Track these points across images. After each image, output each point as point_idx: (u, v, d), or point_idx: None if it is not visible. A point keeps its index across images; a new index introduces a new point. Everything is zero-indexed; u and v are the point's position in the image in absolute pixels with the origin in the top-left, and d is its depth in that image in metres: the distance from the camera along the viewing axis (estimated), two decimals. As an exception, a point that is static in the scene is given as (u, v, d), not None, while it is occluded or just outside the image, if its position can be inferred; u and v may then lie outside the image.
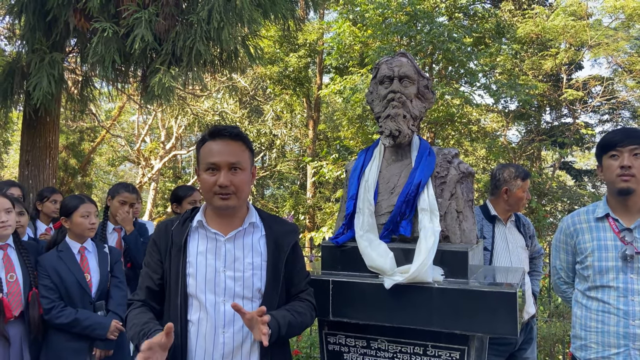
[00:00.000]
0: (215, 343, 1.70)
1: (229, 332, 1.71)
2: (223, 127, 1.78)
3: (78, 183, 16.16)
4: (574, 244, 2.43)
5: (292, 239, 1.87)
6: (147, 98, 4.99)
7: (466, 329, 1.88)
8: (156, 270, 1.80)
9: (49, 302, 2.78)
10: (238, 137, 1.77)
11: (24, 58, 5.40)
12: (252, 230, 1.82)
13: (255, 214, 1.87)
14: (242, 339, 1.72)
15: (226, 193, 1.72)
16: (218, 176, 1.71)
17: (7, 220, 2.77)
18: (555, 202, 12.98)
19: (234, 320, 1.71)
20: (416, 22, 10.89)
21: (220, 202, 1.73)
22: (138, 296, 1.82)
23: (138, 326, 1.68)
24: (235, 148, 1.75)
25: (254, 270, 1.76)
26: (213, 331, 1.71)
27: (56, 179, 6.18)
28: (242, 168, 1.76)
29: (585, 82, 14.06)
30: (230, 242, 1.78)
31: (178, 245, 1.77)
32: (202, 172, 1.76)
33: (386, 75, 2.29)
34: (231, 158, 1.73)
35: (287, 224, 1.93)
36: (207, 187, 1.74)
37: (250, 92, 16.59)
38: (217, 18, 4.60)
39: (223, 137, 1.75)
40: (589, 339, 2.32)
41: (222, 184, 1.70)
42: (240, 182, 1.74)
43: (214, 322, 1.71)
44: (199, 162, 1.79)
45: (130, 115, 20.21)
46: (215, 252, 1.76)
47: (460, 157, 2.40)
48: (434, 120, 11.81)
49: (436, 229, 2.06)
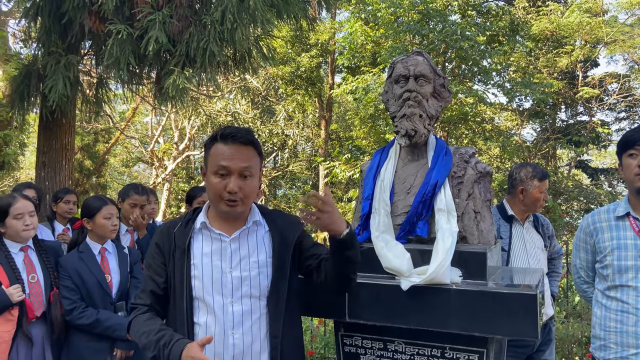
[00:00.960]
0: (225, 345, 1.69)
1: (238, 332, 1.70)
2: (236, 131, 1.72)
3: (93, 184, 16.32)
4: (594, 243, 2.39)
5: (296, 231, 1.85)
6: (162, 99, 5.02)
7: (485, 331, 1.85)
8: (160, 274, 1.78)
9: (71, 303, 2.80)
10: (251, 143, 1.73)
11: (40, 60, 5.46)
12: (255, 229, 1.81)
13: (257, 212, 1.86)
14: (252, 339, 1.71)
15: (234, 200, 1.69)
16: (228, 181, 1.68)
17: (31, 224, 2.81)
18: (571, 201, 12.83)
19: (242, 320, 1.71)
20: (428, 20, 10.83)
21: (227, 209, 1.71)
22: (142, 300, 1.78)
23: (152, 334, 1.65)
24: (247, 153, 1.72)
25: (260, 269, 1.75)
26: (222, 333, 1.69)
27: (72, 180, 6.24)
28: (252, 174, 1.72)
29: (601, 79, 13.87)
30: (235, 242, 1.76)
31: (181, 247, 1.75)
32: (212, 174, 1.71)
33: (402, 74, 2.27)
34: (243, 163, 1.69)
35: (290, 217, 1.91)
36: (216, 192, 1.70)
37: (262, 93, 16.63)
38: (231, 19, 4.61)
39: (236, 141, 1.70)
40: (608, 339, 2.29)
41: (232, 190, 1.67)
42: (249, 190, 1.72)
43: (222, 323, 1.70)
44: (208, 162, 1.75)
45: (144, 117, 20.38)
46: (221, 253, 1.75)
47: (478, 158, 2.37)
48: (447, 119, 11.73)
49: (454, 229, 2.03)
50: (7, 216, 2.76)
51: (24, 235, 2.79)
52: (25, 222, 2.77)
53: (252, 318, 1.72)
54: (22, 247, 2.82)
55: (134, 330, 1.73)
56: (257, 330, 1.71)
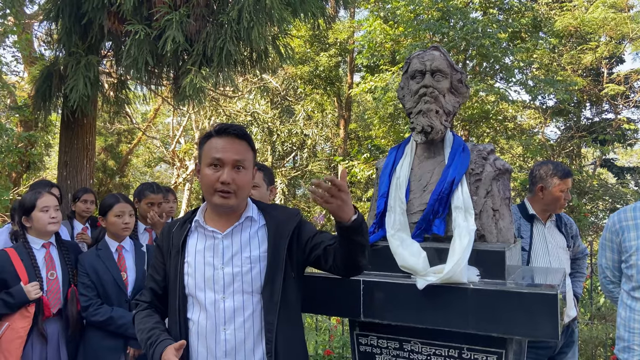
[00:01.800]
0: (217, 340, 1.69)
1: (230, 329, 1.70)
2: (229, 125, 1.77)
3: (116, 184, 16.59)
4: (620, 242, 2.32)
5: (292, 224, 1.81)
6: (179, 98, 5.05)
7: (504, 332, 1.80)
8: (159, 272, 1.84)
9: (87, 300, 2.84)
10: (244, 137, 1.76)
11: (61, 61, 5.55)
12: (249, 224, 1.80)
13: (253, 208, 1.84)
14: (244, 336, 1.70)
15: (227, 191, 1.69)
16: (221, 173, 1.69)
17: (56, 217, 2.88)
18: (596, 200, 12.53)
19: (234, 317, 1.70)
20: (449, 18, 10.70)
21: (220, 200, 1.71)
22: (144, 297, 1.86)
23: (144, 332, 1.72)
24: (240, 147, 1.74)
25: (252, 264, 1.73)
26: (214, 329, 1.70)
27: (94, 180, 6.34)
28: (245, 167, 1.74)
29: (627, 76, 13.52)
30: (228, 238, 1.76)
31: (177, 246, 1.79)
32: (205, 167, 1.73)
33: (418, 69, 2.23)
34: (236, 155, 1.71)
35: (287, 210, 1.88)
36: (209, 183, 1.71)
37: (281, 93, 16.67)
38: (247, 18, 4.61)
39: (229, 135, 1.73)
40: (632, 340, 2.22)
41: (225, 180, 1.68)
42: (242, 181, 1.72)
43: (214, 319, 1.70)
44: (202, 157, 1.77)
45: (165, 117, 20.62)
46: (214, 250, 1.75)
47: (497, 155, 2.31)
48: (468, 118, 11.57)
49: (471, 227, 1.98)
50: (34, 210, 2.82)
51: (49, 228, 2.85)
52: (51, 215, 2.85)
53: (245, 314, 1.71)
54: (44, 244, 2.87)
55: (135, 327, 1.80)
56: (250, 326, 1.70)
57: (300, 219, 1.85)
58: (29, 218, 2.84)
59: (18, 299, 2.66)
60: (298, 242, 1.81)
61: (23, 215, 2.85)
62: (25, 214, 2.84)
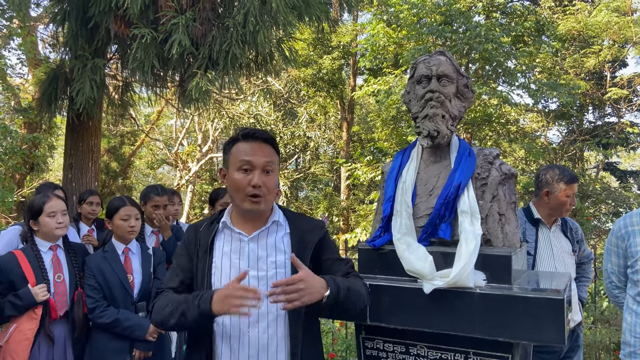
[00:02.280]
0: (241, 343, 1.71)
1: (254, 331, 1.71)
2: (255, 129, 1.80)
3: (119, 185, 16.61)
4: (625, 247, 2.32)
5: (317, 235, 1.84)
6: (185, 102, 5.07)
7: (510, 336, 1.81)
8: (186, 269, 1.83)
9: (93, 302, 2.85)
10: (270, 141, 1.80)
11: (67, 64, 5.58)
12: (275, 229, 1.82)
13: (279, 213, 1.87)
14: (268, 339, 1.71)
15: (258, 195, 1.72)
16: (252, 176, 1.72)
17: (63, 222, 2.89)
18: (599, 204, 12.52)
19: (258, 319, 1.71)
20: (452, 22, 10.71)
21: (251, 206, 1.73)
22: (170, 285, 1.82)
23: (180, 298, 1.69)
24: (268, 150, 1.78)
25: (277, 269, 1.75)
26: (238, 331, 1.71)
27: (98, 182, 6.36)
28: (273, 170, 1.78)
29: (630, 80, 13.51)
30: (254, 241, 1.78)
31: (204, 246, 1.79)
32: (235, 171, 1.75)
33: (424, 74, 2.24)
34: (266, 158, 1.75)
35: (312, 221, 1.91)
36: (240, 187, 1.73)
37: (284, 95, 16.69)
38: (253, 21, 4.64)
39: (256, 139, 1.77)
40: (638, 345, 2.22)
41: (256, 184, 1.71)
42: (271, 185, 1.76)
43: (238, 322, 1.71)
44: (229, 162, 1.79)
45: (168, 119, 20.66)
46: (240, 252, 1.77)
47: (502, 160, 2.33)
48: (471, 121, 11.58)
49: (477, 232, 1.99)
50: (41, 214, 2.84)
51: (56, 233, 2.86)
52: (58, 220, 2.86)
53: (269, 318, 1.72)
54: (51, 246, 2.89)
55: (159, 304, 1.75)
56: (274, 330, 1.71)
57: (324, 232, 1.87)
58: (37, 222, 2.86)
59: (26, 301, 2.67)
60: (318, 257, 1.84)
61: (31, 218, 2.87)
62: (33, 218, 2.86)
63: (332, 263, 1.85)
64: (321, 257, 1.84)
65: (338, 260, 1.87)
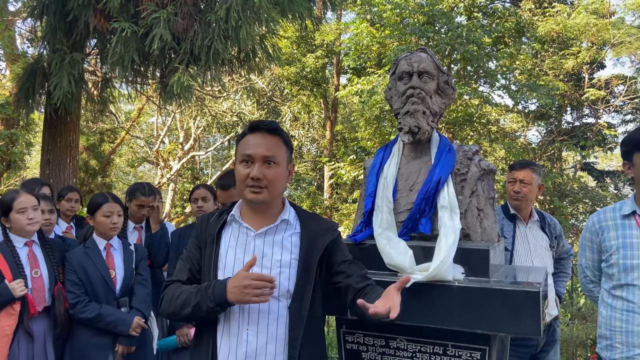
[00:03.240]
0: (239, 341, 1.68)
1: (253, 330, 1.68)
2: (262, 121, 1.79)
3: (98, 184, 16.37)
4: (600, 242, 2.37)
5: (328, 237, 1.79)
6: (166, 97, 5.02)
7: (487, 329, 1.84)
8: (194, 261, 1.82)
9: (74, 297, 2.83)
10: (275, 132, 1.77)
11: (45, 58, 5.49)
12: (284, 228, 1.79)
13: (291, 211, 1.84)
14: (267, 339, 1.68)
15: (258, 186, 1.71)
16: (252, 169, 1.72)
17: (34, 217, 2.84)
18: (576, 203, 12.75)
19: (258, 319, 1.68)
20: (434, 22, 10.80)
21: (252, 195, 1.72)
22: (179, 276, 1.81)
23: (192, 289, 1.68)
24: (271, 142, 1.75)
25: (281, 268, 1.72)
26: (237, 328, 1.69)
27: (77, 178, 6.26)
28: (277, 162, 1.74)
29: (607, 81, 13.79)
30: (260, 237, 1.75)
31: (212, 236, 1.79)
32: (238, 164, 1.77)
33: (405, 70, 2.26)
34: (266, 151, 1.72)
35: (324, 222, 1.87)
36: (241, 179, 1.74)
37: (267, 94, 16.64)
38: (235, 17, 4.61)
39: (260, 131, 1.76)
40: (614, 338, 2.27)
41: (255, 176, 1.70)
42: (273, 176, 1.73)
43: (237, 319, 1.69)
44: (237, 155, 1.80)
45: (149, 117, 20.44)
46: (245, 247, 1.75)
47: (482, 156, 2.36)
48: (453, 121, 11.68)
49: (456, 226, 2.01)
50: (11, 211, 2.79)
51: (27, 229, 2.82)
52: (28, 216, 2.81)
53: (269, 318, 1.69)
54: (26, 242, 2.85)
55: (169, 295, 1.73)
56: (274, 330, 1.68)
57: (337, 234, 1.84)
58: (8, 219, 2.81)
59: (3, 296, 2.63)
60: (329, 260, 1.80)
61: (2, 215, 2.82)
62: (4, 215, 2.82)
63: (348, 265, 1.81)
64: (334, 258, 1.80)
65: (353, 263, 1.83)
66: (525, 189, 3.14)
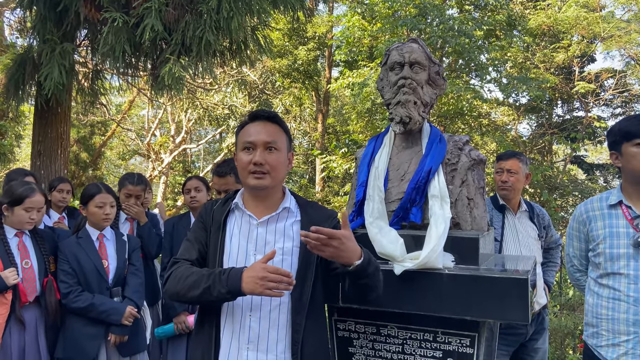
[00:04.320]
0: (242, 326, 1.70)
1: (255, 316, 1.70)
2: (261, 110, 1.83)
3: (89, 176, 16.28)
4: (587, 232, 2.41)
5: (328, 224, 1.80)
6: (157, 88, 5.00)
7: (477, 315, 1.87)
8: (201, 243, 1.81)
9: (67, 287, 2.83)
10: (274, 120, 1.82)
11: (35, 49, 5.43)
12: (285, 215, 1.81)
13: (291, 199, 1.86)
14: (269, 325, 1.70)
15: (261, 172, 1.73)
16: (254, 155, 1.74)
17: (36, 218, 2.85)
18: (566, 196, 12.87)
19: (261, 304, 1.70)
20: (425, 15, 10.80)
21: (255, 181, 1.74)
22: (187, 256, 1.79)
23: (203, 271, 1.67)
24: (271, 129, 1.79)
25: (284, 256, 1.74)
26: (240, 313, 1.71)
27: (67, 170, 6.23)
28: (278, 148, 1.77)
29: (597, 74, 13.90)
30: (263, 226, 1.77)
31: (217, 223, 1.80)
32: (239, 152, 1.79)
33: (397, 61, 2.27)
34: (267, 137, 1.75)
35: (324, 211, 1.90)
36: (243, 166, 1.76)
37: (259, 86, 16.59)
38: (227, 7, 4.59)
39: (261, 119, 1.80)
40: (600, 326, 2.31)
41: (257, 161, 1.72)
42: (275, 162, 1.75)
43: (241, 304, 1.71)
44: (237, 144, 1.83)
45: (140, 110, 20.32)
46: (248, 235, 1.77)
47: (472, 146, 2.38)
48: (444, 114, 11.72)
49: (447, 215, 2.04)
50: (19, 204, 2.79)
51: (25, 227, 2.84)
52: (31, 216, 2.82)
53: (272, 304, 1.70)
54: (17, 233, 2.85)
55: (178, 274, 1.71)
56: (276, 317, 1.70)
57: (336, 222, 1.85)
58: (10, 209, 2.81)
59: None
60: None
61: (6, 203, 2.81)
62: (9, 204, 2.81)
63: None
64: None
65: None
66: (512, 178, 3.18)
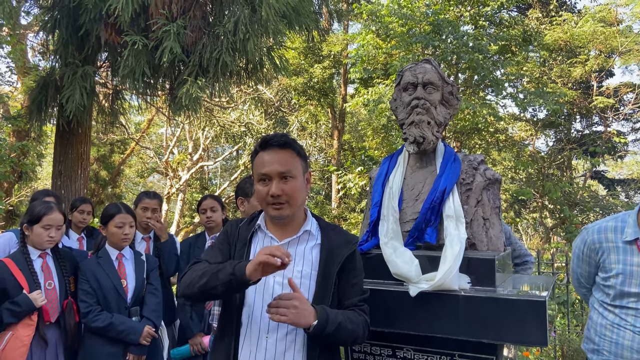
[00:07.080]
0: (259, 347, 1.70)
1: (272, 338, 1.70)
2: (272, 137, 1.79)
3: (108, 194, 16.53)
4: (599, 260, 2.38)
5: (347, 250, 1.81)
6: (175, 109, 5.09)
7: (494, 338, 1.84)
8: (225, 252, 1.83)
9: (87, 306, 2.87)
10: (286, 145, 1.78)
11: (57, 72, 5.58)
12: (306, 239, 1.82)
13: (313, 222, 1.87)
14: (285, 348, 1.70)
15: (279, 203, 1.74)
16: (270, 186, 1.74)
17: (55, 236, 2.88)
18: (587, 212, 12.64)
19: (278, 327, 1.70)
20: (440, 31, 10.84)
21: (274, 212, 1.76)
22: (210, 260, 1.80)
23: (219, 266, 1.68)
24: (284, 156, 1.77)
25: (302, 279, 1.74)
26: (257, 334, 1.72)
27: (87, 190, 6.34)
28: (293, 176, 1.76)
29: (616, 89, 13.74)
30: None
31: (243, 240, 1.82)
32: (256, 183, 1.79)
33: (410, 81, 2.29)
34: (280, 167, 1.74)
35: (345, 235, 1.89)
36: (261, 197, 1.77)
37: (275, 104, 16.73)
38: (243, 29, 4.68)
39: (272, 147, 1.77)
40: (602, 345, 2.33)
41: (274, 193, 1.72)
42: (292, 190, 1.75)
43: (259, 325, 1.72)
44: (253, 173, 1.83)
45: (158, 128, 20.61)
46: None
47: (487, 166, 2.37)
48: (460, 130, 11.68)
49: (462, 236, 2.02)
50: (37, 223, 2.83)
51: (44, 245, 2.88)
52: (50, 234, 2.85)
53: (288, 327, 1.70)
54: (40, 254, 2.89)
55: (193, 270, 1.74)
56: (292, 340, 1.70)
57: (354, 249, 1.85)
58: (30, 228, 2.86)
59: (25, 307, 2.67)
60: (343, 274, 1.81)
61: (26, 223, 2.86)
62: (28, 223, 2.86)
63: (346, 286, 1.81)
64: (342, 274, 1.80)
65: (355, 287, 1.83)
66: None
